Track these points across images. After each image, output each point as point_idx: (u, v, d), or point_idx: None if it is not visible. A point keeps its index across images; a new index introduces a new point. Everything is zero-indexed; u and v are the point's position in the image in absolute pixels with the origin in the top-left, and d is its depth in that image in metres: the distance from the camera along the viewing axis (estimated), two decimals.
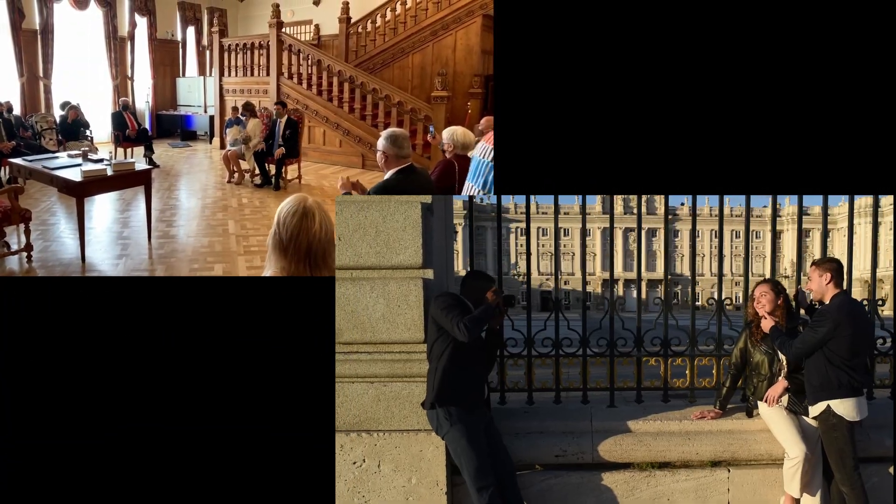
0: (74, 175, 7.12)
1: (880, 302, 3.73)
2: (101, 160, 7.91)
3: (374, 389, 3.29)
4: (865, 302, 3.65)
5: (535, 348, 3.68)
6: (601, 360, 3.71)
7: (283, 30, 13.70)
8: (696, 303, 3.80)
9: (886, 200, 3.89)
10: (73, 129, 11.89)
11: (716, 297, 3.76)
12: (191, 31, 17.68)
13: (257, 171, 10.91)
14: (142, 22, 16.08)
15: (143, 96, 16.21)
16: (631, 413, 3.56)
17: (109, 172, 7.36)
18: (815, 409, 3.21)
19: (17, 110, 12.66)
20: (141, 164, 9.04)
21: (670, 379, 3.74)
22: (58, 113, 12.74)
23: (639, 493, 3.39)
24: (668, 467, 3.42)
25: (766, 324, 3.35)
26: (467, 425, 3.11)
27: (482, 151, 2.86)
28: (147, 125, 15.12)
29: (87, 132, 12.30)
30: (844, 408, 3.15)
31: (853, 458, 3.16)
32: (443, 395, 3.12)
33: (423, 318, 3.24)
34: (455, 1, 12.46)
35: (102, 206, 9.33)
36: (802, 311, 3.50)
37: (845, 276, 3.28)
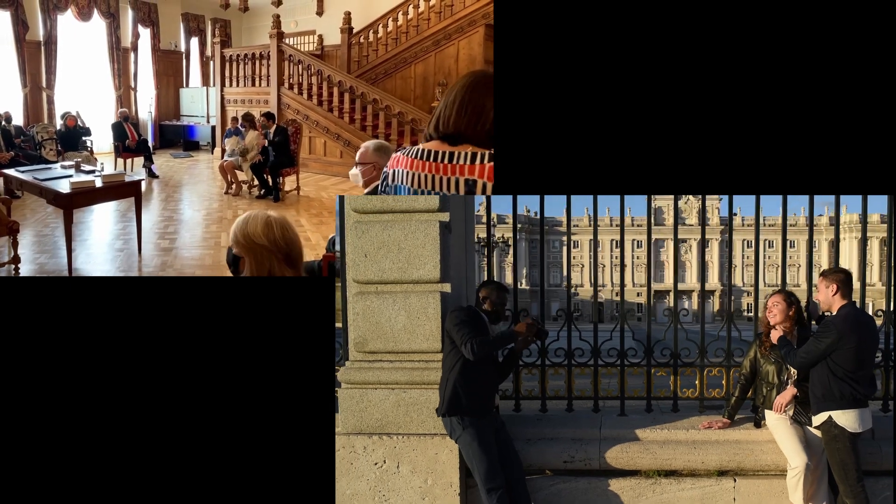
0: (63, 187, 7.08)
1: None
2: (91, 171, 7.89)
3: (395, 395, 3.42)
4: (880, 313, 3.71)
5: (549, 358, 3.79)
6: (612, 370, 3.81)
7: (287, 40, 13.80)
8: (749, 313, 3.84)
9: None
10: (72, 139, 11.92)
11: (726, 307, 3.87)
12: (194, 41, 17.81)
13: (255, 182, 10.89)
14: (145, 33, 16.23)
15: (146, 107, 16.29)
16: (639, 422, 3.65)
17: (98, 184, 7.30)
18: (818, 420, 3.24)
19: (20, 120, 12.74)
20: (136, 175, 9.06)
21: (680, 389, 3.81)
22: (60, 124, 12.82)
23: (644, 499, 3.47)
24: (675, 475, 3.49)
25: (775, 334, 3.39)
26: (478, 430, 3.23)
27: (399, 177, 2.52)
28: (150, 136, 15.19)
29: (88, 141, 12.33)
30: (846, 419, 3.17)
31: (856, 469, 3.16)
32: (453, 407, 3.24)
33: (441, 329, 3.36)
34: (457, 11, 12.55)
35: (102, 218, 9.36)
36: (815, 322, 3.52)
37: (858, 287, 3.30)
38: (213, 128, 15.40)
